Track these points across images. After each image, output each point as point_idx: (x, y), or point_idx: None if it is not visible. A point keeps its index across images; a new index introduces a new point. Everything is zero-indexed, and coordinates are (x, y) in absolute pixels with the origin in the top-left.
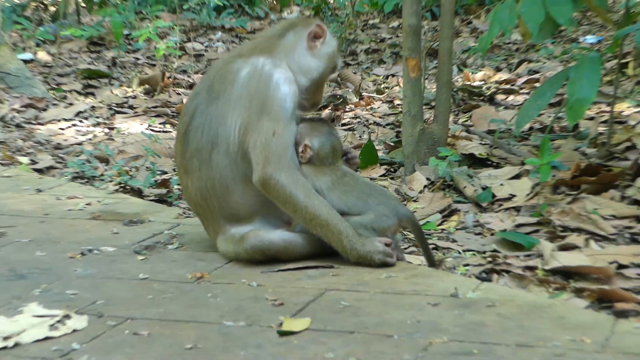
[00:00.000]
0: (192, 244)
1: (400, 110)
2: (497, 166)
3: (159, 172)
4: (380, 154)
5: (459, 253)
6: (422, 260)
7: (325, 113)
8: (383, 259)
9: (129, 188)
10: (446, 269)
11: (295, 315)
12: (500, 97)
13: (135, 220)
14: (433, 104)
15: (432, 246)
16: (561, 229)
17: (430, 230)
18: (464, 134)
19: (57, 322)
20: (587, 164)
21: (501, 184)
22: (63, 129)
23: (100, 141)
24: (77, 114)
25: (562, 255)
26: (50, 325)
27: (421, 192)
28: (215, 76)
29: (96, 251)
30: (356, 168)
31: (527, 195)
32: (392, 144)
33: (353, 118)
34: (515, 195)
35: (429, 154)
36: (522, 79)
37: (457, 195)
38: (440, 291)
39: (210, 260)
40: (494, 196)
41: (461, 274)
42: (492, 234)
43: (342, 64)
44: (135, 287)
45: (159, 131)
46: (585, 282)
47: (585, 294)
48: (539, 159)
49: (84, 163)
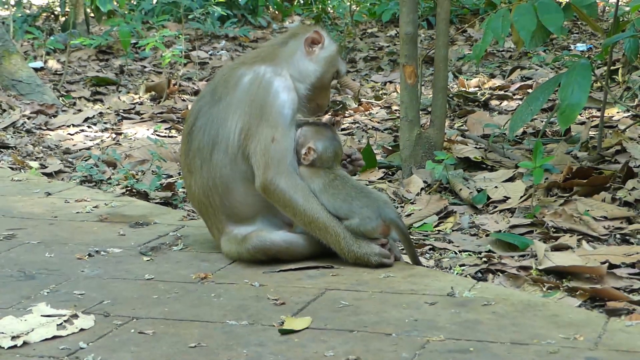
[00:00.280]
0: (196, 245)
1: (397, 115)
2: (492, 169)
3: (164, 176)
4: (378, 157)
5: (455, 253)
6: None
7: (326, 118)
8: (379, 260)
9: (135, 191)
10: (438, 268)
11: (296, 314)
12: (494, 103)
13: (141, 222)
14: (429, 110)
15: (429, 247)
16: (554, 230)
17: (427, 231)
18: (459, 138)
19: (65, 321)
20: (578, 167)
21: (496, 187)
22: (72, 135)
23: (108, 146)
24: (86, 119)
25: (555, 256)
26: (58, 325)
27: (418, 194)
28: (219, 81)
29: (103, 252)
30: (358, 170)
31: (521, 197)
32: (390, 148)
33: (352, 123)
34: (510, 198)
35: (425, 158)
36: (516, 85)
37: (453, 198)
38: (437, 290)
39: (213, 261)
40: (488, 198)
41: (457, 273)
42: (487, 235)
43: (346, 68)
44: (141, 287)
45: (164, 136)
46: (578, 282)
47: (578, 293)
48: (532, 163)
49: (92, 167)
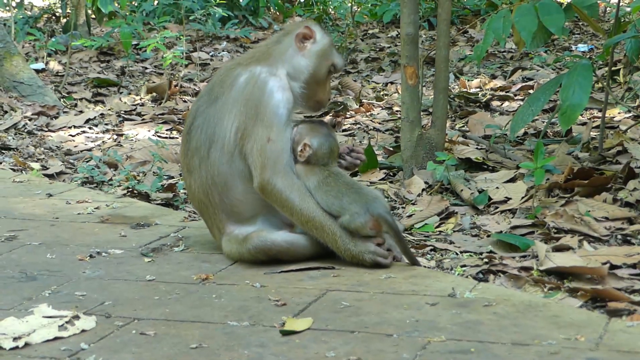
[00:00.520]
0: (197, 246)
1: (399, 116)
2: (493, 170)
3: (165, 177)
4: (379, 158)
5: (456, 254)
6: (423, 261)
7: (327, 119)
8: (374, 258)
9: (136, 192)
10: (439, 269)
11: (298, 315)
12: (495, 104)
13: (142, 223)
14: (430, 110)
15: (430, 247)
16: (555, 230)
17: (428, 232)
18: (460, 139)
19: (66, 322)
20: (580, 167)
21: (497, 187)
22: (73, 136)
23: (109, 147)
24: (87, 121)
25: (557, 256)
26: (59, 326)
27: (419, 195)
28: (216, 81)
29: (104, 253)
30: (357, 163)
31: (522, 198)
32: (391, 149)
33: (353, 124)
34: (511, 198)
35: (426, 159)
36: (517, 86)
37: (454, 198)
38: (438, 291)
39: (214, 262)
40: (490, 199)
41: (458, 274)
42: (488, 236)
43: (343, 61)
44: (142, 288)
45: (165, 137)
46: (579, 282)
47: (579, 294)
48: (533, 163)
49: (93, 168)
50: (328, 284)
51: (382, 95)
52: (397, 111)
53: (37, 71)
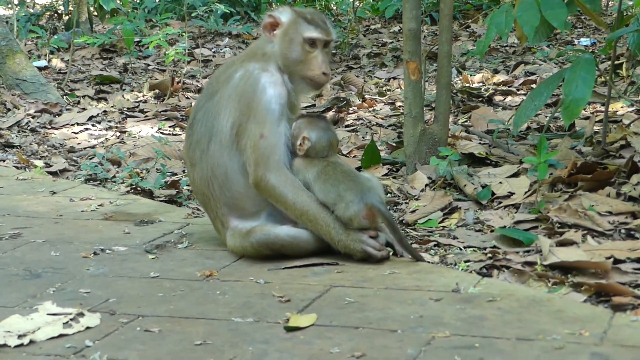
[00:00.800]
0: (201, 242)
1: (401, 111)
2: (496, 165)
3: (168, 174)
4: (382, 154)
5: (460, 249)
6: (426, 256)
7: (330, 115)
8: (365, 248)
9: (140, 189)
10: (443, 264)
11: (302, 311)
12: (498, 98)
13: (146, 220)
14: (433, 106)
15: (433, 243)
16: (559, 225)
17: (432, 227)
18: (463, 134)
19: (71, 319)
20: (583, 162)
21: (500, 182)
22: (76, 133)
23: (112, 144)
24: (90, 118)
25: (560, 251)
26: (64, 323)
27: (423, 190)
28: (215, 77)
29: (108, 251)
30: None
31: (526, 192)
32: (394, 144)
33: (356, 120)
34: (514, 193)
35: (429, 154)
36: (519, 80)
37: (457, 194)
38: (442, 287)
39: (218, 258)
40: (493, 194)
41: (462, 269)
42: (491, 231)
43: (318, 31)
44: (146, 285)
45: (168, 134)
46: (583, 277)
47: (583, 289)
48: (536, 158)
49: (96, 166)
50: (332, 280)
51: (385, 90)
52: (399, 106)
53: (40, 69)
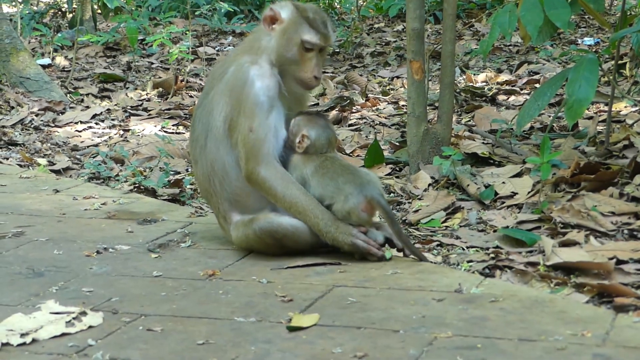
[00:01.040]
0: (204, 242)
1: (405, 111)
2: (499, 165)
3: (172, 173)
4: (386, 153)
5: (463, 249)
6: (429, 256)
7: (333, 114)
8: (353, 240)
9: (143, 188)
10: (446, 264)
11: (304, 311)
12: (501, 98)
13: (149, 219)
14: (437, 105)
15: (436, 243)
16: (562, 225)
17: (434, 227)
18: (466, 133)
19: (74, 318)
20: (586, 162)
21: (503, 182)
22: (80, 131)
23: (116, 143)
24: (94, 116)
25: (563, 251)
26: (66, 322)
27: (426, 190)
28: (212, 74)
29: (111, 249)
30: None
31: (529, 192)
32: (398, 143)
33: (359, 119)
34: (517, 193)
35: (433, 153)
36: (523, 80)
37: (460, 193)
38: (444, 287)
39: (221, 257)
40: (496, 194)
41: (465, 270)
42: (494, 231)
43: (317, 36)
44: (149, 284)
45: (172, 133)
46: (585, 278)
47: (585, 289)
48: (539, 158)
49: (99, 164)
50: (334, 279)
51: (388, 89)
52: (403, 106)
53: (44, 67)
